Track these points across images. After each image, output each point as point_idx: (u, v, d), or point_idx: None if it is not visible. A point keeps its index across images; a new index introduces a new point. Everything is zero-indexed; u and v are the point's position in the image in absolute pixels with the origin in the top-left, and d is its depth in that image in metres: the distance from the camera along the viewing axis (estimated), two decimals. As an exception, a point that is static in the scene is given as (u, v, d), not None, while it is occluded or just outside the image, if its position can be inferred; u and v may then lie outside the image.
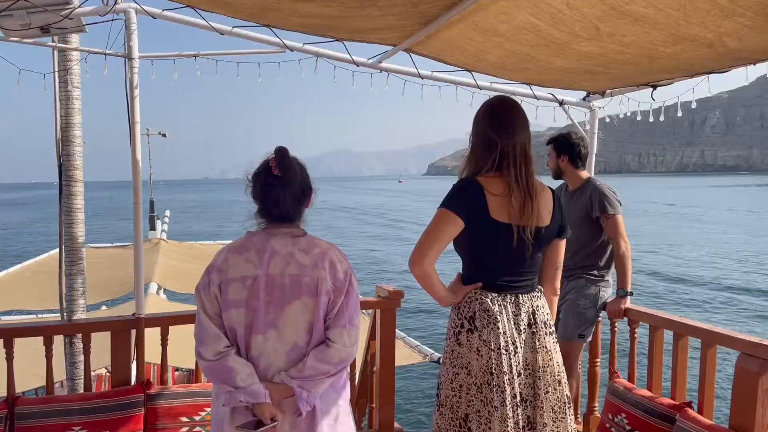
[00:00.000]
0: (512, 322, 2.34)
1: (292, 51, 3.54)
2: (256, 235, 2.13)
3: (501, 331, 2.30)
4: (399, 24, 2.97)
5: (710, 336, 3.05)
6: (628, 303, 3.66)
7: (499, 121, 2.37)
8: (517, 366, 2.31)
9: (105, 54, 3.47)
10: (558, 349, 2.47)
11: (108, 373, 5.70)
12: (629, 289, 3.68)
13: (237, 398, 1.98)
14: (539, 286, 2.51)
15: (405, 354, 5.85)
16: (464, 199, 2.29)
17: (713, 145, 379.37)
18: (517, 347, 2.33)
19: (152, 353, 3.70)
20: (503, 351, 2.29)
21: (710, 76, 3.08)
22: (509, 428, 2.27)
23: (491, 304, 2.33)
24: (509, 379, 2.28)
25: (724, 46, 2.41)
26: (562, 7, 2.35)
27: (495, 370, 2.27)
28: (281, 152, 2.11)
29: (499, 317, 2.31)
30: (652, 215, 48.07)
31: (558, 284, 2.67)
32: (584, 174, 3.91)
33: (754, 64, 2.70)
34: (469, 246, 2.35)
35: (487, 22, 2.69)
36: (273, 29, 3.27)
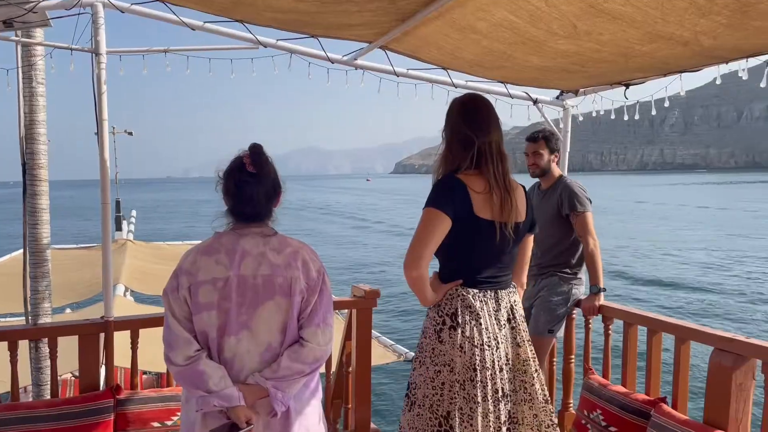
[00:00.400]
0: (493, 318, 2.37)
1: (265, 47, 3.48)
2: (225, 236, 2.08)
3: (483, 327, 2.32)
4: (375, 20, 2.94)
5: (684, 332, 3.09)
6: (602, 300, 3.69)
7: (475, 118, 2.39)
8: (499, 361, 2.34)
9: (71, 49, 3.35)
10: None
11: (74, 378, 5.55)
12: (601, 286, 3.71)
13: (210, 403, 1.94)
14: (513, 282, 2.56)
15: (379, 353, 5.82)
16: (450, 196, 2.29)
17: (672, 144, 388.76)
18: (498, 342, 2.35)
19: (120, 357, 3.61)
20: (486, 347, 2.31)
21: (682, 74, 3.12)
22: (491, 423, 2.28)
23: (473, 301, 2.34)
24: (491, 375, 2.30)
25: (699, 44, 2.44)
26: (540, 5, 2.35)
27: (478, 366, 2.29)
28: (256, 149, 2.07)
29: (481, 313, 2.33)
30: (620, 213, 48.54)
31: (525, 279, 2.78)
32: (558, 172, 3.93)
33: (727, 62, 2.74)
34: (451, 243, 2.33)
35: (464, 19, 2.68)
36: (246, 24, 3.21)
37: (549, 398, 2.50)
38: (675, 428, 2.78)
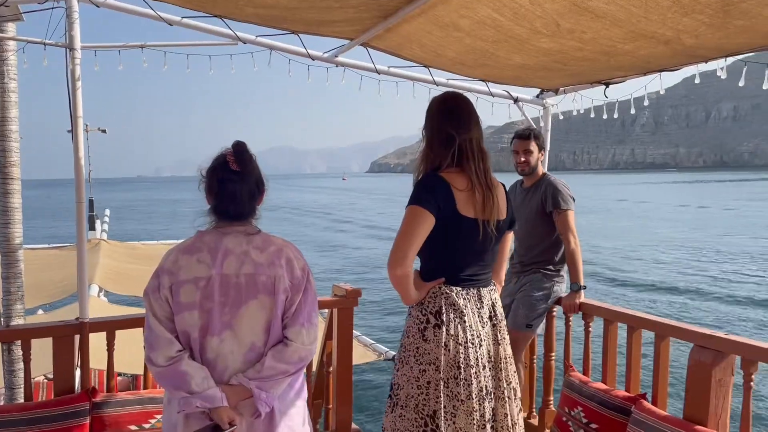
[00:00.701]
0: (477, 316, 2.38)
1: (245, 43, 3.43)
2: (208, 235, 2.05)
3: (467, 324, 2.32)
4: (357, 17, 2.91)
5: (663, 328, 3.12)
6: (582, 297, 3.71)
7: (456, 116, 2.38)
8: (482, 359, 2.35)
9: (44, 44, 3.26)
10: None
11: (47, 381, 5.42)
12: (582, 283, 3.73)
13: (193, 404, 1.90)
14: (493, 280, 2.57)
15: (360, 353, 5.80)
16: (433, 194, 2.27)
17: (643, 144, 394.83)
18: (482, 340, 2.36)
19: (95, 358, 3.53)
20: (470, 344, 2.31)
21: (662, 73, 3.15)
22: (475, 421, 2.28)
23: (457, 298, 2.34)
24: (476, 372, 2.30)
25: (680, 43, 2.45)
26: (524, 2, 2.35)
27: (462, 363, 2.29)
28: (239, 146, 2.04)
29: (465, 311, 2.34)
30: (600, 212, 48.91)
31: (503, 276, 2.80)
32: (541, 170, 3.94)
33: (706, 61, 2.77)
34: (434, 241, 2.32)
35: (448, 17, 2.66)
36: (225, 20, 3.15)
37: (521, 395, 2.56)
38: (655, 424, 2.81)
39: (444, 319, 2.32)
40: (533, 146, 3.84)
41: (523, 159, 3.84)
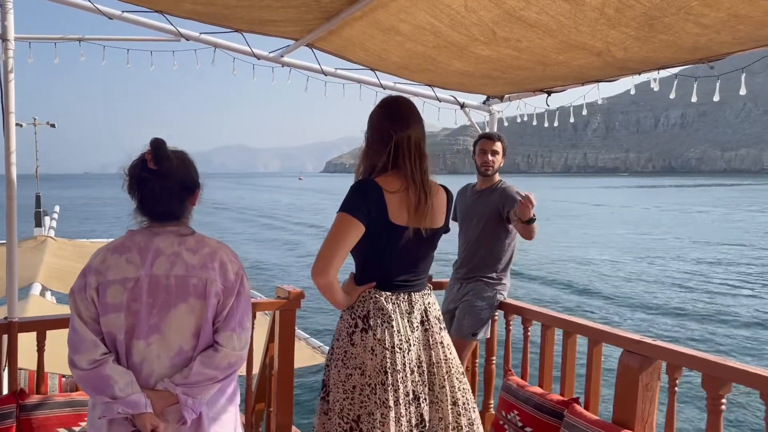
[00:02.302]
0: (406, 320, 2.35)
1: (188, 40, 3.37)
2: (139, 234, 1.99)
3: (395, 329, 2.30)
4: (299, 17, 2.90)
5: (596, 334, 3.18)
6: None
7: (393, 113, 2.36)
8: (410, 363, 2.32)
9: (-25, 34, 3.15)
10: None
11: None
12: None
13: (115, 410, 1.84)
14: (428, 284, 2.55)
15: (308, 355, 5.76)
16: (363, 202, 2.24)
17: (595, 148, 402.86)
18: (410, 345, 2.33)
19: (28, 360, 3.42)
20: (397, 349, 2.28)
21: (599, 84, 3.22)
22: (403, 427, 2.26)
23: (385, 303, 2.32)
24: (402, 378, 2.28)
25: (611, 55, 2.51)
26: (459, 9, 2.37)
27: (389, 368, 2.26)
28: (156, 143, 1.97)
29: (393, 315, 2.31)
30: (566, 217, 49.27)
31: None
32: (496, 175, 3.96)
33: (639, 74, 2.84)
34: (366, 247, 2.30)
35: (388, 21, 2.67)
36: (166, 15, 3.10)
37: (469, 398, 2.50)
38: (585, 428, 2.86)
39: (371, 323, 2.30)
40: (500, 147, 3.86)
41: (490, 158, 3.84)
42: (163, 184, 1.95)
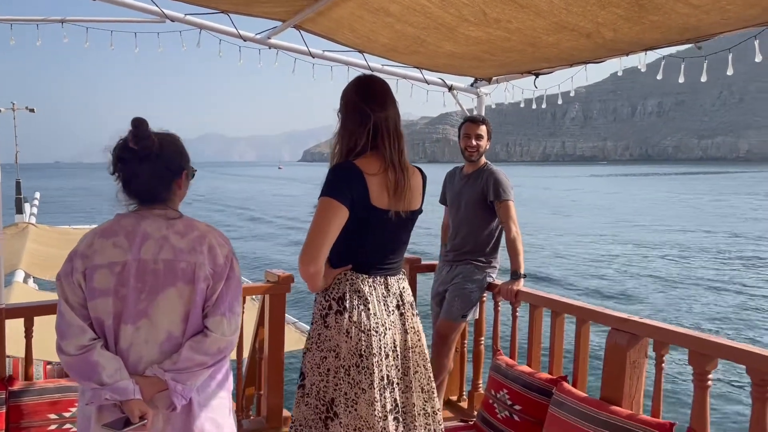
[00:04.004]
0: (382, 304, 2.33)
1: (173, 21, 3.33)
2: (126, 218, 1.96)
3: (372, 312, 2.28)
4: (287, -2, 2.87)
5: (584, 313, 3.23)
6: (521, 285, 3.75)
7: (371, 93, 2.32)
8: (385, 347, 2.30)
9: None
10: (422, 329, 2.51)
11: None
12: (522, 272, 3.77)
13: (102, 396, 1.82)
14: (402, 269, 2.53)
15: (296, 339, 5.77)
16: (345, 185, 2.22)
17: (573, 137, 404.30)
18: (386, 328, 2.32)
19: (15, 346, 3.39)
20: (373, 332, 2.26)
21: (587, 65, 3.24)
22: (377, 411, 2.24)
23: (362, 285, 2.30)
24: (378, 362, 2.26)
25: (601, 36, 2.53)
26: (450, -12, 2.37)
27: (365, 351, 2.24)
28: (137, 122, 1.93)
29: (369, 298, 2.29)
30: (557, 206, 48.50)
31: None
32: (483, 158, 3.96)
33: (627, 54, 2.86)
34: (344, 230, 2.25)
35: (377, 1, 2.66)
36: (151, -4, 3.06)
37: (433, 386, 2.50)
38: (574, 405, 2.91)
39: (347, 305, 2.28)
40: (484, 131, 3.83)
41: (474, 143, 3.81)
42: (143, 163, 1.92)
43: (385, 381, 2.28)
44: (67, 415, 3.11)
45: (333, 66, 3.77)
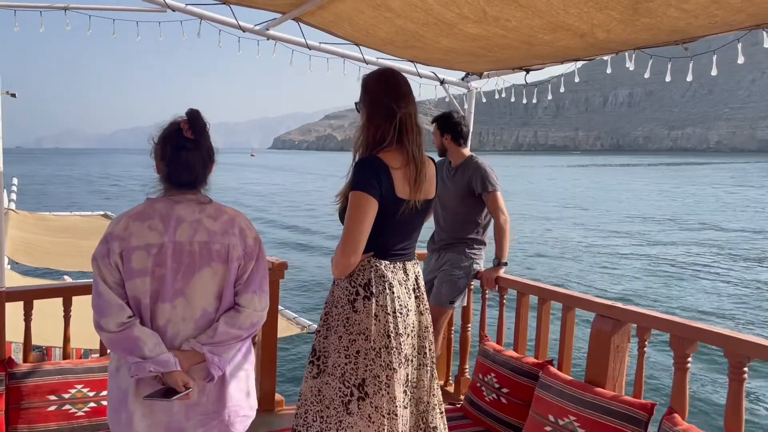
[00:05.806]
0: (403, 287, 2.47)
1: (174, 11, 3.37)
2: (159, 202, 2.07)
3: (396, 295, 2.42)
4: (291, -10, 2.93)
5: (570, 300, 3.37)
6: (502, 272, 3.91)
7: (396, 89, 2.43)
8: (407, 328, 2.46)
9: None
10: None
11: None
12: (504, 260, 3.93)
13: (146, 368, 1.93)
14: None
15: (283, 326, 5.84)
16: (376, 179, 2.32)
17: (545, 126, 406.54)
18: (408, 310, 2.47)
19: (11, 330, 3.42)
20: (398, 314, 2.41)
21: (577, 62, 3.37)
22: (404, 388, 2.41)
23: (385, 271, 2.43)
24: (404, 341, 2.42)
25: (594, 36, 2.65)
26: (452, -14, 2.46)
27: (392, 332, 2.38)
28: (193, 114, 2.06)
29: (393, 282, 2.43)
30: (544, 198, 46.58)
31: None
32: (466, 151, 4.10)
33: (617, 53, 2.99)
34: None
35: (380, -3, 2.74)
36: (154, -15, 3.09)
37: (429, 365, 2.63)
38: (560, 387, 3.05)
39: (374, 290, 2.40)
40: (435, 130, 4.09)
41: (436, 141, 4.11)
42: (197, 152, 2.05)
43: (405, 359, 2.43)
44: (66, 396, 3.16)
45: (329, 58, 3.84)
